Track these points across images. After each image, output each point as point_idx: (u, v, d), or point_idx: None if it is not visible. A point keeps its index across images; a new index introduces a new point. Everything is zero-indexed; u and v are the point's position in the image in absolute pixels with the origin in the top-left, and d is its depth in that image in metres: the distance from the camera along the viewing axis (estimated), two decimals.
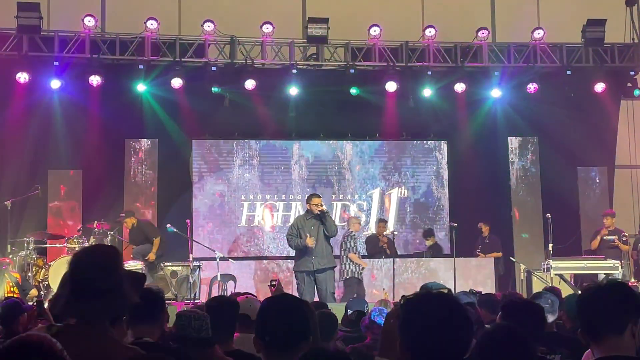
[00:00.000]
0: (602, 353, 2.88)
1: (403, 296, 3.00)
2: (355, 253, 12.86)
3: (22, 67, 13.62)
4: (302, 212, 13.81)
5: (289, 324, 3.03)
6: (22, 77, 13.59)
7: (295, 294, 12.13)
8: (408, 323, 2.47)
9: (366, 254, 13.98)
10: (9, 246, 12.83)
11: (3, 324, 6.83)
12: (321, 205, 11.92)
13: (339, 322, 7.30)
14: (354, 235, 13.06)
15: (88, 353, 2.52)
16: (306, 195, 13.15)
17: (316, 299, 11.48)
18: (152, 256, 13.00)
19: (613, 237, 13.76)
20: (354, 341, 6.31)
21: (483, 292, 11.16)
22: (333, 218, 12.70)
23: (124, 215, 13.50)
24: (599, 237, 13.80)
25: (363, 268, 12.80)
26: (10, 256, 12.49)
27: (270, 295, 6.99)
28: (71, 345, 2.46)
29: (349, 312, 7.29)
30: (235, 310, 4.93)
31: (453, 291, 12.38)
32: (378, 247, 14.13)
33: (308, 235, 11.75)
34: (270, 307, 3.13)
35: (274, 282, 6.78)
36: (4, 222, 13.06)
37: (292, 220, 13.53)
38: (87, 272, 2.93)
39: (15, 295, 10.67)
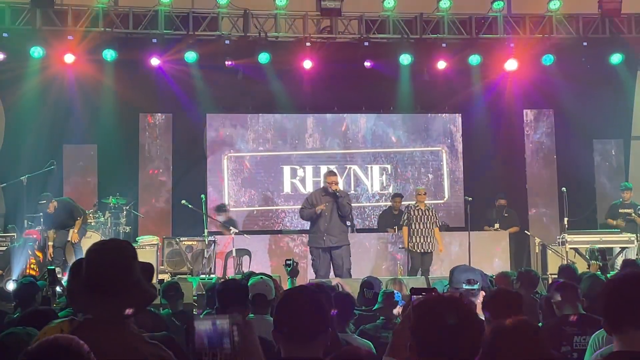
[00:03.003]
0: (624, 346, 2.88)
1: (412, 288, 3.00)
2: (407, 226, 12.83)
3: (36, 41, 13.62)
4: (313, 183, 13.94)
5: (307, 317, 3.04)
6: (36, 51, 13.60)
7: (310, 269, 12.22)
8: (419, 326, 2.49)
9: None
10: (25, 221, 12.94)
11: (20, 303, 6.94)
12: (335, 185, 11.92)
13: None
14: (409, 208, 13.08)
15: (109, 348, 2.54)
16: (323, 172, 13.16)
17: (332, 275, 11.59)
18: (75, 236, 12.58)
19: (629, 211, 13.72)
20: (369, 320, 6.33)
21: (498, 267, 11.23)
22: (347, 194, 12.59)
23: (44, 202, 12.57)
24: (615, 223, 13.77)
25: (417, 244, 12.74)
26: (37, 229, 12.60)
27: (285, 274, 7.03)
28: (92, 340, 2.48)
29: (365, 291, 7.30)
30: (244, 293, 4.96)
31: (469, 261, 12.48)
32: (392, 221, 14.12)
33: (322, 213, 11.80)
34: (288, 300, 3.14)
35: (288, 262, 6.76)
36: (21, 197, 13.16)
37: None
38: (103, 269, 2.92)
39: (33, 273, 10.81)
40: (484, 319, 4.31)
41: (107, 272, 2.91)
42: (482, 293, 5.06)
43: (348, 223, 12.74)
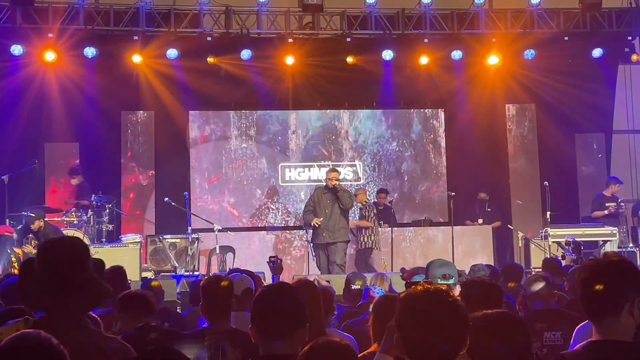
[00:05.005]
0: (600, 335, 2.88)
1: (407, 283, 2.99)
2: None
3: (16, 39, 13.54)
4: (296, 180, 14.17)
5: (285, 313, 3.04)
6: (17, 49, 13.53)
7: (293, 266, 12.30)
8: (404, 318, 2.47)
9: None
10: (7, 220, 12.85)
11: (7, 302, 6.86)
12: (335, 180, 12.07)
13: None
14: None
15: (67, 346, 2.54)
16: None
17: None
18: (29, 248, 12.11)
19: (614, 204, 13.79)
20: (353, 317, 6.31)
21: (482, 261, 11.25)
22: (347, 190, 12.78)
23: (33, 215, 11.99)
24: (605, 212, 13.73)
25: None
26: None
27: (269, 271, 7.01)
28: None
29: (352, 287, 7.29)
30: (230, 289, 4.93)
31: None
32: (377, 217, 14.10)
33: (322, 210, 12.09)
34: (265, 296, 3.13)
35: (272, 259, 6.73)
36: (2, 196, 13.03)
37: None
38: (57, 267, 2.93)
39: (15, 272, 10.70)
40: None
41: (61, 270, 2.92)
42: (458, 288, 5.05)
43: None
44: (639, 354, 2.78)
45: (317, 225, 12.05)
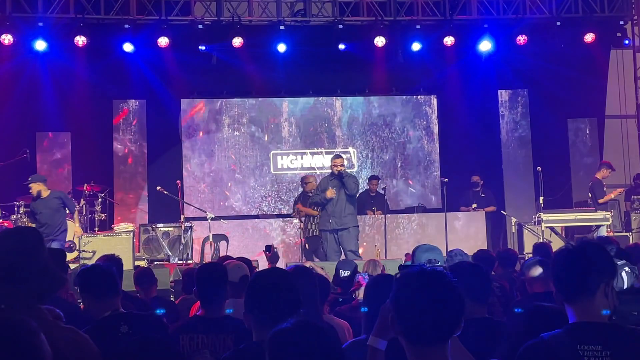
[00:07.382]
0: (575, 317, 2.90)
1: (400, 266, 2.98)
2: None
3: (5, 28, 13.45)
4: (289, 168, 14.17)
5: (278, 298, 3.03)
6: (7, 38, 13.43)
7: (285, 254, 12.24)
8: (399, 299, 2.46)
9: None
10: None
11: None
12: (341, 166, 11.99)
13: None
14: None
15: None
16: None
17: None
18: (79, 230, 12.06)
19: (618, 189, 13.79)
20: (344, 304, 6.32)
21: (475, 247, 11.24)
22: (353, 175, 12.67)
23: (30, 179, 11.83)
24: (612, 195, 13.57)
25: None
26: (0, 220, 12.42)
27: (261, 260, 7.01)
28: None
29: (341, 273, 7.28)
30: (224, 276, 4.91)
31: (445, 248, 12.52)
32: (369, 203, 14.13)
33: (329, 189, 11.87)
34: (259, 281, 3.13)
35: (268, 248, 6.71)
36: None
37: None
38: (7, 257, 2.88)
39: None
40: None
41: (11, 260, 2.88)
42: None
43: None
44: (614, 335, 2.80)
45: (333, 197, 11.88)
